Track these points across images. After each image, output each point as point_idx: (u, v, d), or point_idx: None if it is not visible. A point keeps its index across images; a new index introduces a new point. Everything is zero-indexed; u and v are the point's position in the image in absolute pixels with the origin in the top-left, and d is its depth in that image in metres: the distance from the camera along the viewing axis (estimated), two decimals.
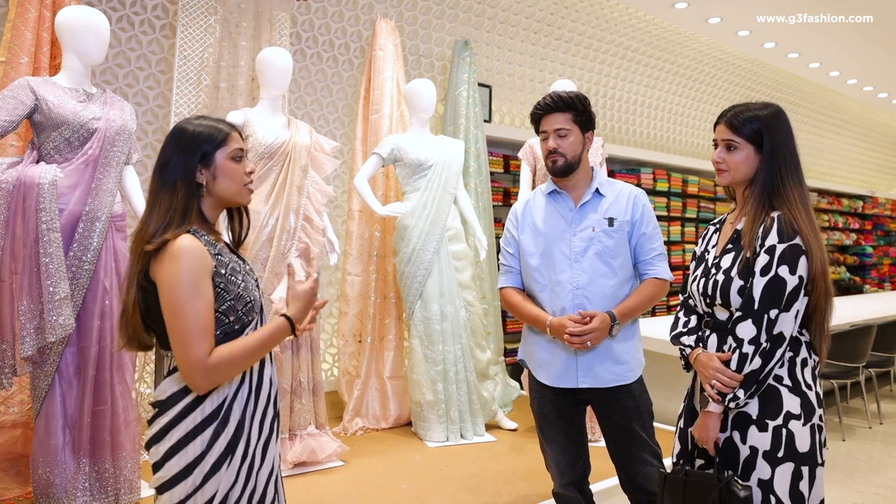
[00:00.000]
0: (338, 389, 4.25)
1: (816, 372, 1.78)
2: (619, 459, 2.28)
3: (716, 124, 1.87)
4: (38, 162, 2.61)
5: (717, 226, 1.94)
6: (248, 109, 3.32)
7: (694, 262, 1.94)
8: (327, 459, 3.30)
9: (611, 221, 2.18)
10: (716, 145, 1.86)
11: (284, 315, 1.52)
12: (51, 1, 2.89)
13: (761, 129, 1.77)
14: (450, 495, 2.99)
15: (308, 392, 3.36)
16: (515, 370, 5.03)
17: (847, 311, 5.58)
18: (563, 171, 2.21)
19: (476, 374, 3.92)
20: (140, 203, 2.89)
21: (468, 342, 3.90)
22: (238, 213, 1.63)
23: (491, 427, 3.97)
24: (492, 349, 4.47)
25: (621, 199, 2.22)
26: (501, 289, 2.36)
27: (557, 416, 2.29)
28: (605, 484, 2.99)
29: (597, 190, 2.24)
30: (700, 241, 1.98)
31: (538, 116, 2.26)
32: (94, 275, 2.66)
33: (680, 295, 2.01)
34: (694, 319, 1.90)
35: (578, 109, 2.21)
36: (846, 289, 10.09)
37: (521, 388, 4.41)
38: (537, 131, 2.28)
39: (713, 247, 1.88)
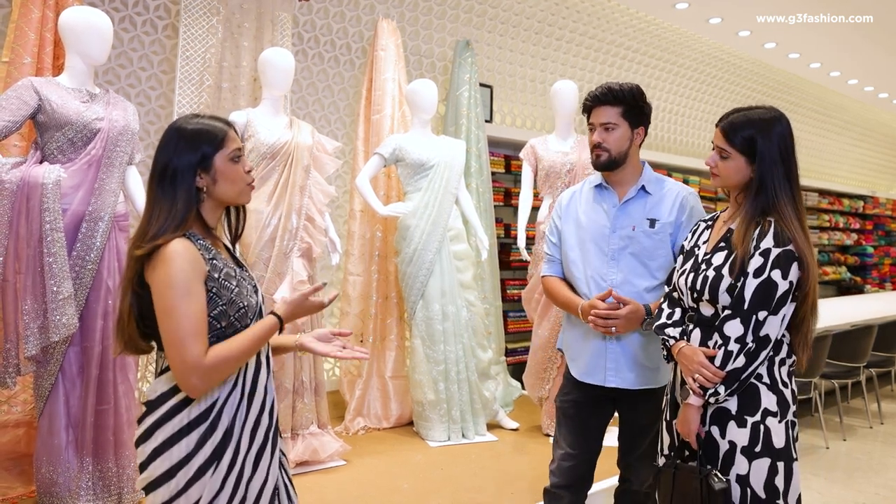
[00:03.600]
0: (339, 389, 4.26)
1: (792, 370, 1.81)
2: (627, 459, 2.27)
3: (717, 125, 1.88)
4: (41, 162, 2.62)
5: (709, 223, 1.95)
6: (250, 110, 3.33)
7: (682, 257, 1.94)
8: (329, 459, 3.31)
9: (652, 223, 2.11)
10: (714, 147, 1.88)
11: (274, 313, 1.53)
12: (54, 1, 2.90)
13: (755, 139, 1.76)
14: (451, 495, 3.00)
15: (310, 391, 3.37)
16: (517, 370, 5.04)
17: (848, 311, 5.58)
18: (606, 166, 2.15)
19: (477, 373, 3.93)
20: (143, 203, 2.90)
21: (470, 342, 3.91)
22: (235, 209, 1.61)
23: (492, 427, 3.98)
24: (493, 349, 4.48)
25: (667, 200, 2.15)
26: (543, 277, 2.34)
27: (576, 410, 2.25)
28: (605, 484, 2.99)
29: (643, 187, 2.17)
30: (689, 236, 1.98)
31: (588, 108, 2.18)
32: (97, 274, 2.67)
33: (665, 287, 2.00)
34: (678, 312, 1.90)
35: (630, 103, 2.12)
36: (847, 289, 10.09)
37: (522, 387, 4.41)
38: (588, 122, 2.21)
39: (704, 243, 1.89)
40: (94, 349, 2.65)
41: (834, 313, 5.31)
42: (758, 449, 1.73)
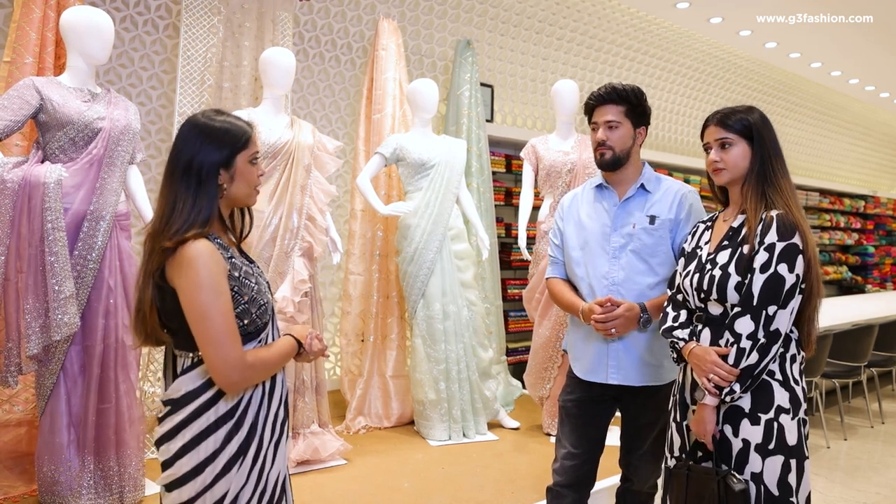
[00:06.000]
0: (340, 388, 4.26)
1: (802, 367, 1.83)
2: (628, 458, 2.27)
3: (704, 129, 1.93)
4: (42, 161, 2.62)
5: (709, 224, 1.97)
6: (251, 109, 3.33)
7: (683, 259, 1.96)
8: (330, 458, 3.31)
9: (652, 220, 2.13)
10: (706, 150, 1.91)
11: (290, 335, 1.58)
12: (55, 1, 2.90)
13: (751, 125, 1.84)
14: (452, 494, 3.00)
15: (311, 391, 3.37)
16: (517, 369, 5.04)
17: (849, 311, 5.57)
18: (611, 164, 2.17)
19: (478, 373, 3.93)
20: (144, 202, 2.90)
21: (470, 341, 3.91)
22: (240, 211, 1.63)
23: (493, 426, 3.98)
24: (494, 348, 4.48)
25: (666, 198, 2.17)
26: (547, 279, 2.36)
27: (579, 409, 2.26)
28: (607, 483, 3.00)
29: (642, 186, 2.19)
30: (689, 237, 2.00)
31: (591, 107, 2.21)
32: (98, 273, 2.67)
33: (668, 290, 2.01)
34: (684, 314, 1.91)
35: (633, 103, 2.16)
36: (848, 288, 10.09)
37: (523, 387, 4.42)
38: (590, 122, 2.23)
39: (706, 244, 1.91)
40: (96, 348, 2.66)
41: (835, 313, 5.31)
42: (771, 446, 1.73)
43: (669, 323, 1.92)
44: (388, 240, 4.15)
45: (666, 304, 1.99)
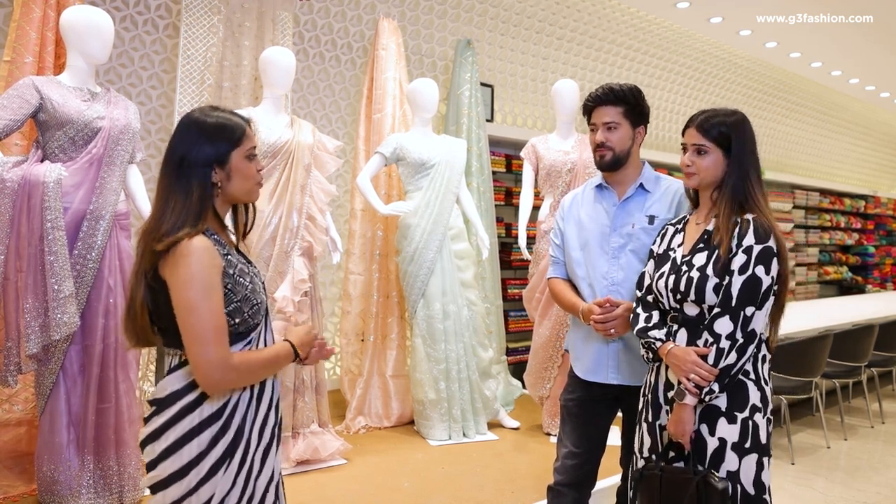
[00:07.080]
0: (340, 388, 4.26)
1: (770, 368, 1.87)
2: (629, 458, 2.27)
3: (685, 129, 1.93)
4: (42, 161, 2.62)
5: (678, 226, 1.97)
6: (251, 109, 3.33)
7: (653, 261, 1.97)
8: (330, 458, 3.31)
9: (651, 219, 2.13)
10: (684, 149, 1.92)
11: (288, 340, 1.54)
12: (55, 1, 2.90)
13: (729, 134, 1.85)
14: (452, 493, 3.00)
15: (311, 390, 3.37)
16: (518, 369, 5.04)
17: (849, 311, 5.58)
18: (611, 165, 2.16)
19: (478, 372, 3.93)
20: (144, 202, 2.90)
21: (470, 341, 3.90)
22: (244, 207, 1.61)
23: (493, 426, 3.98)
24: (494, 348, 4.48)
25: (666, 197, 2.16)
26: (548, 279, 2.36)
27: (579, 409, 2.25)
28: (608, 482, 2.99)
29: (641, 185, 2.18)
30: (658, 240, 2.01)
31: (589, 108, 2.21)
32: (98, 273, 2.67)
33: (637, 291, 2.01)
34: (656, 315, 1.92)
35: (631, 103, 2.15)
36: (848, 288, 10.09)
37: (523, 386, 4.41)
38: (589, 123, 2.23)
39: (679, 245, 1.91)
40: (96, 347, 2.65)
41: (835, 313, 5.31)
42: (747, 445, 1.76)
43: (642, 324, 1.93)
44: (388, 239, 4.15)
45: (635, 304, 1.99)
